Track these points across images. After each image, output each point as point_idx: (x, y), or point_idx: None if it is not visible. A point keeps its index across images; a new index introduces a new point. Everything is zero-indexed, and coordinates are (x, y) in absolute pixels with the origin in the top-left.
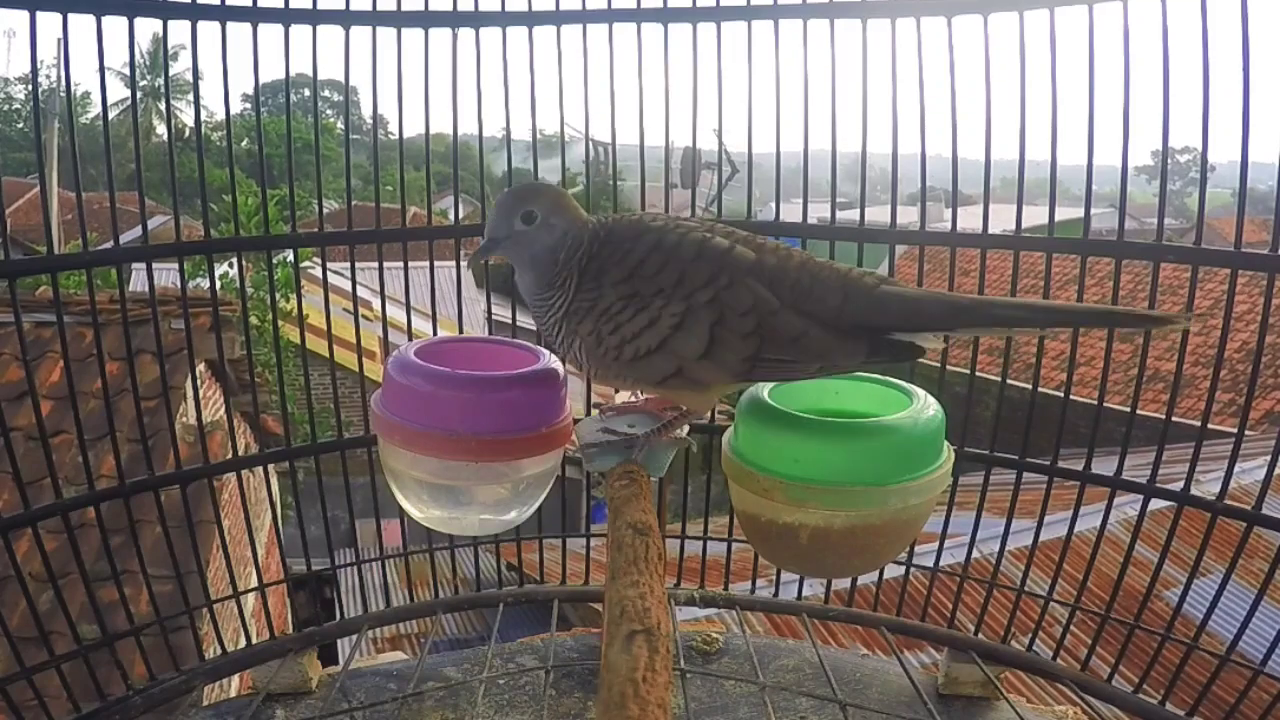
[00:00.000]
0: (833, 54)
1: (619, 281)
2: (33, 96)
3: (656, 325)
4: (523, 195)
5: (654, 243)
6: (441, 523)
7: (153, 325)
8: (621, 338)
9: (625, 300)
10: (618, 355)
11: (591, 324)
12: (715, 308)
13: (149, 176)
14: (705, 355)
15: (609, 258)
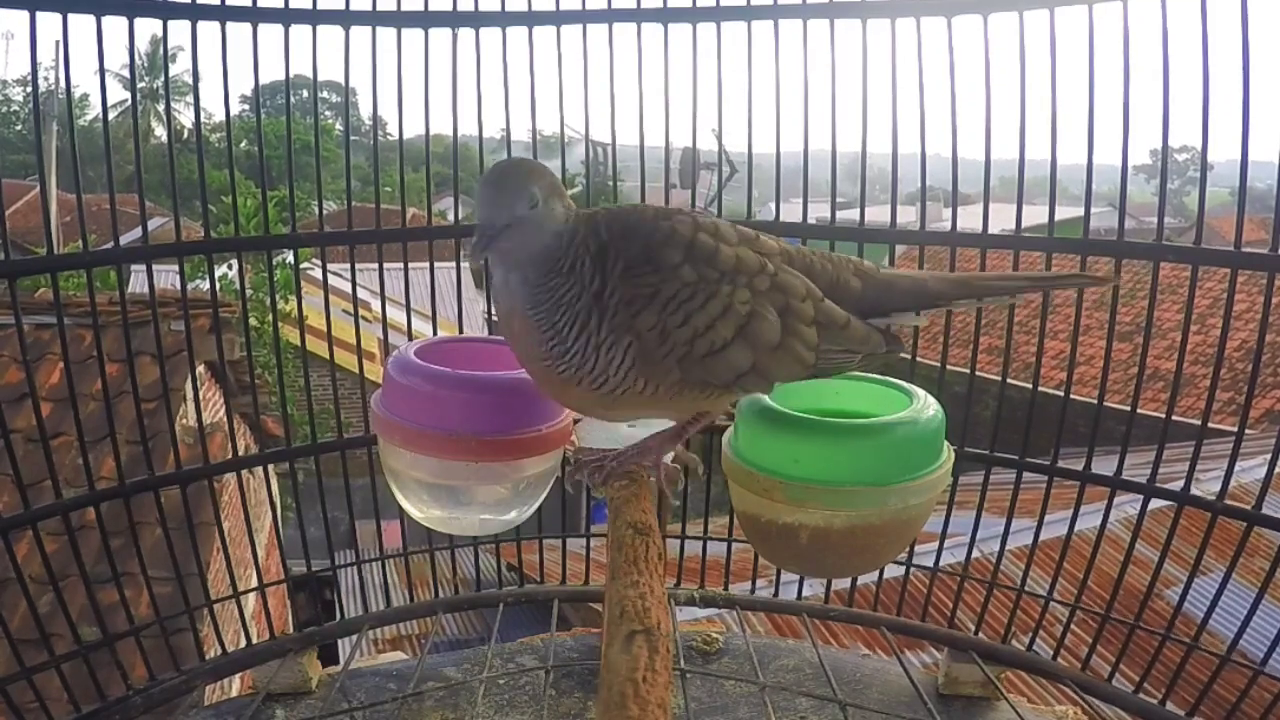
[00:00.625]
0: (833, 54)
1: (678, 264)
2: (32, 97)
3: (731, 312)
4: (522, 175)
5: (692, 224)
6: (441, 523)
7: (153, 326)
8: (694, 329)
9: (693, 285)
10: (687, 351)
11: (655, 315)
12: (778, 294)
13: (149, 178)
14: (780, 346)
15: (642, 242)
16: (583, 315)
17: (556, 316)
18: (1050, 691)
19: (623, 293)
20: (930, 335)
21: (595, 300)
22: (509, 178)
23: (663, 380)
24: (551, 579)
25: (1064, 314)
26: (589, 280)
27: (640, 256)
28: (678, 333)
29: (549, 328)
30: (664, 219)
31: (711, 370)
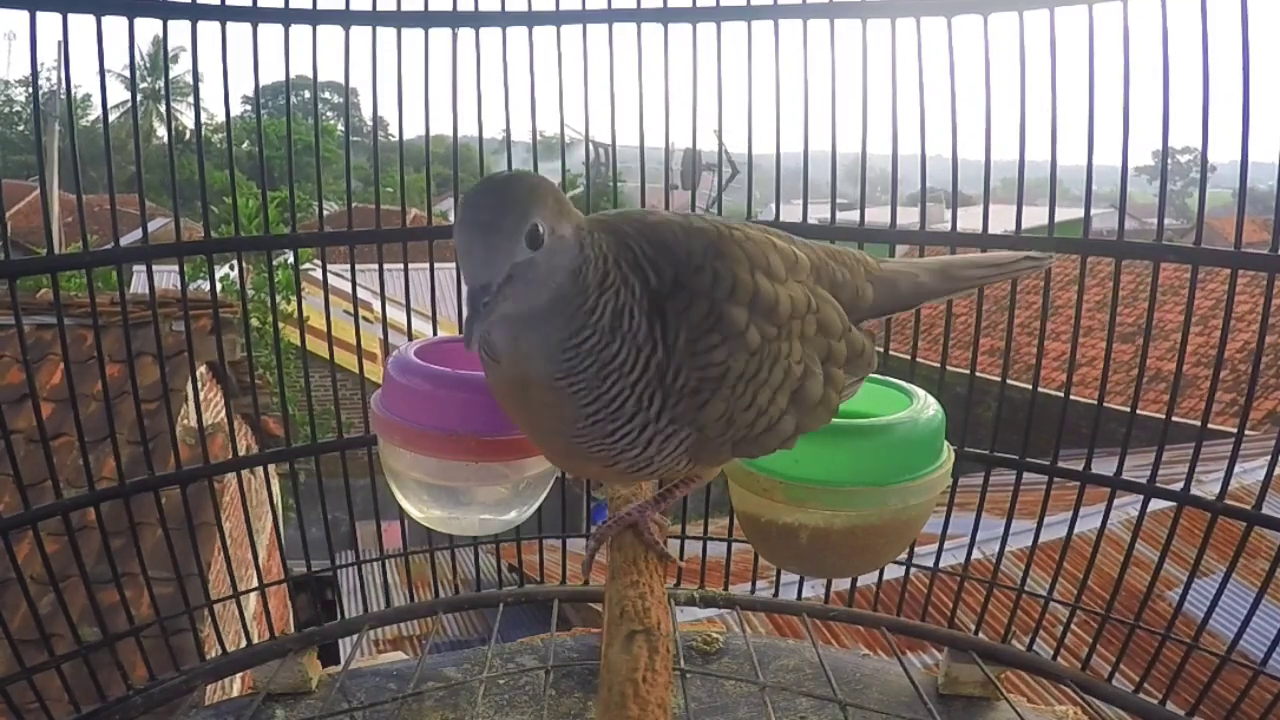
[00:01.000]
0: (833, 54)
1: (745, 327)
2: (33, 97)
3: (789, 377)
4: (518, 205)
5: (747, 263)
6: (441, 523)
7: (153, 327)
8: (758, 409)
9: (759, 354)
10: (746, 434)
11: (724, 403)
12: (821, 338)
13: (150, 179)
14: (821, 400)
15: (706, 299)
16: (640, 394)
17: (605, 388)
18: (1050, 691)
19: (689, 375)
20: (932, 336)
21: (658, 379)
22: (501, 213)
23: (710, 462)
24: (551, 579)
25: (1066, 315)
26: (643, 342)
27: (705, 320)
28: (742, 417)
29: (592, 400)
30: (718, 258)
31: (763, 446)
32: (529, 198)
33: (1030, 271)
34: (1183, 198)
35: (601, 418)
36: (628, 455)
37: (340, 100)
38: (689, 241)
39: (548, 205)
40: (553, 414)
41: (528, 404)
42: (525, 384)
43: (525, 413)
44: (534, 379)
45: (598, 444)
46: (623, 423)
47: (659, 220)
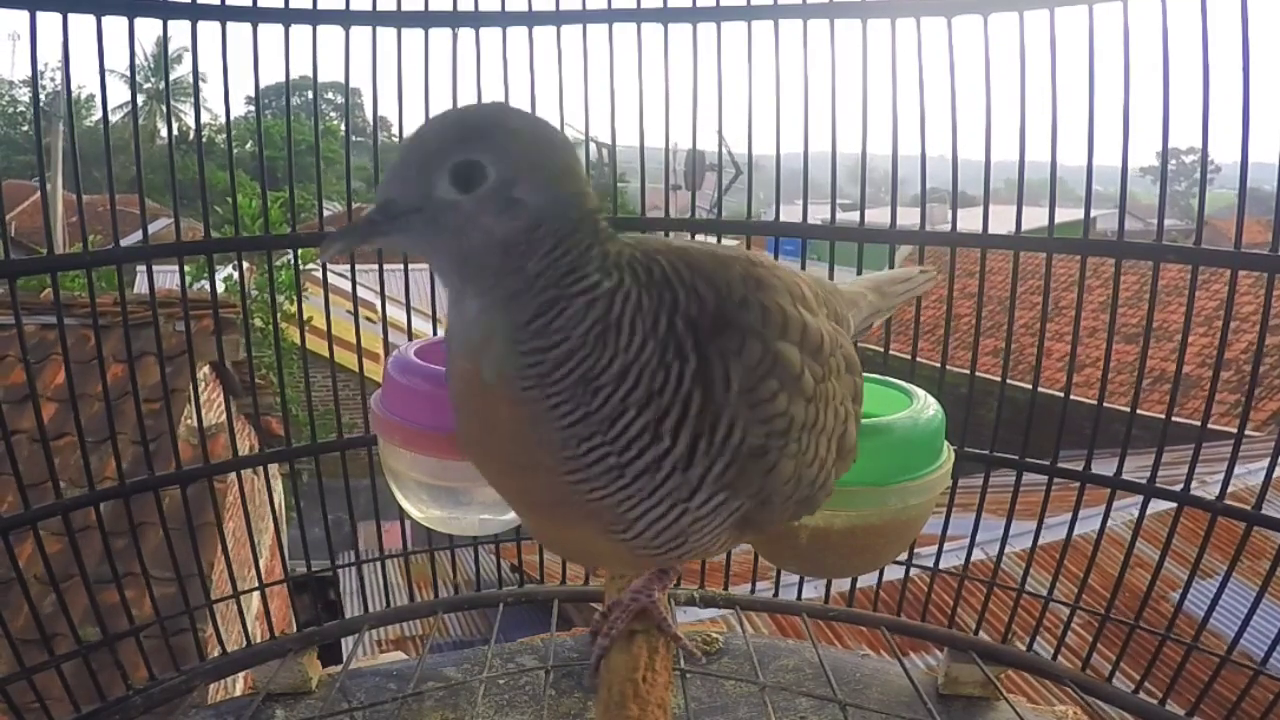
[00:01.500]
0: (833, 54)
1: (800, 368)
2: (33, 97)
3: (838, 422)
4: (467, 132)
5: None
6: (441, 523)
7: (154, 327)
8: (820, 461)
9: (815, 400)
10: (809, 491)
11: (793, 460)
12: (849, 376)
13: (153, 179)
14: (852, 447)
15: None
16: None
17: (595, 405)
18: (1050, 691)
19: (748, 430)
20: (935, 338)
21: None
22: (445, 133)
23: (758, 530)
24: (551, 579)
25: (1069, 316)
26: (663, 376)
27: (761, 364)
28: (807, 473)
29: (579, 418)
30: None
31: (813, 505)
32: (489, 130)
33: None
34: (1188, 198)
35: (597, 445)
36: (647, 520)
37: (341, 101)
38: (725, 270)
39: (513, 152)
40: (516, 437)
41: (474, 411)
42: (469, 378)
43: (473, 422)
44: (496, 394)
45: (601, 489)
46: (634, 456)
47: (683, 244)
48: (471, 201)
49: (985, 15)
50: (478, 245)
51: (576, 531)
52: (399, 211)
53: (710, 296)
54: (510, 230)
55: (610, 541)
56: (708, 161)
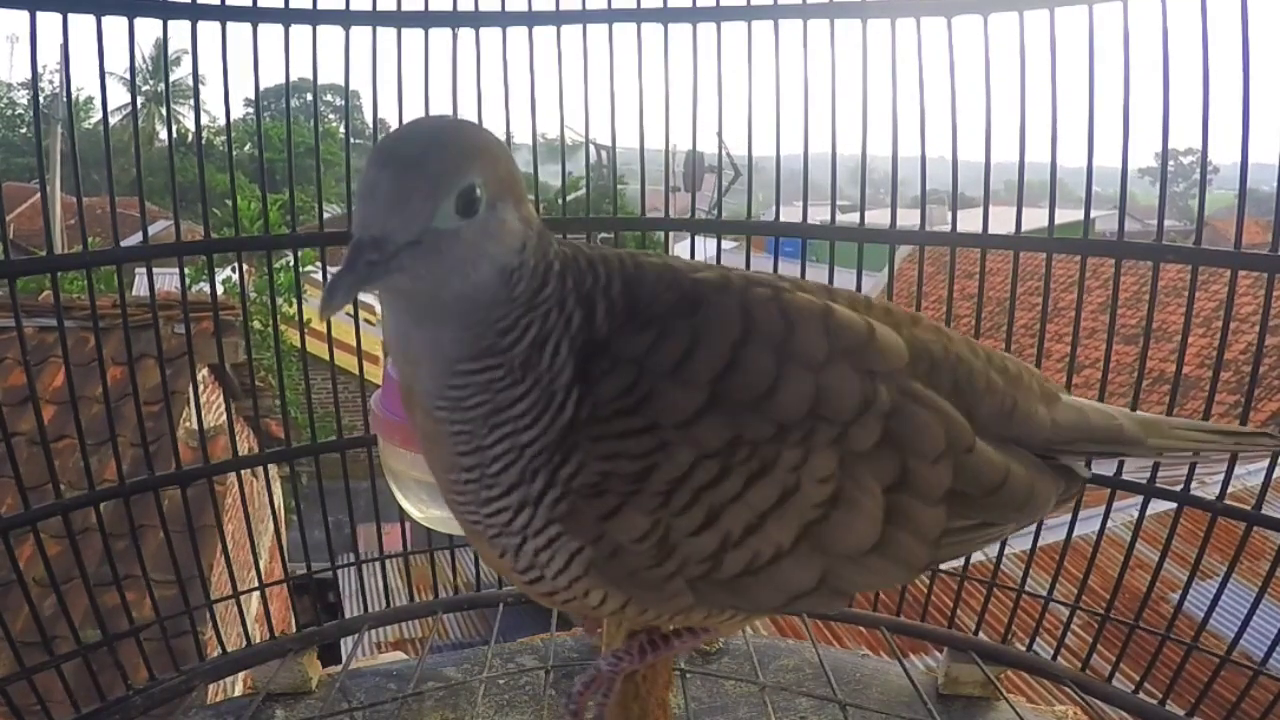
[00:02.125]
0: (833, 55)
1: (692, 415)
2: (32, 97)
3: (799, 502)
4: (458, 152)
5: (727, 316)
6: (441, 523)
7: (154, 329)
8: (723, 535)
9: (723, 454)
10: (708, 570)
11: (647, 516)
12: (890, 454)
13: (152, 181)
14: (877, 547)
15: (612, 343)
16: (527, 466)
17: (489, 441)
18: (1050, 691)
19: (586, 464)
20: None
21: (547, 456)
22: (435, 155)
23: (651, 603)
24: None
25: (1069, 316)
26: (558, 395)
27: (623, 396)
28: (691, 545)
29: (470, 450)
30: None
31: (747, 595)
32: (477, 150)
33: (1262, 450)
34: (1187, 199)
35: (475, 478)
36: (510, 548)
37: (341, 102)
38: (661, 288)
39: (497, 170)
40: (434, 450)
41: (414, 419)
42: (410, 399)
43: (416, 429)
44: (416, 397)
45: (474, 514)
46: (499, 494)
47: (660, 262)
48: (473, 228)
49: (985, 15)
50: (484, 276)
51: (481, 546)
52: (397, 248)
53: (621, 315)
54: (506, 254)
55: (500, 561)
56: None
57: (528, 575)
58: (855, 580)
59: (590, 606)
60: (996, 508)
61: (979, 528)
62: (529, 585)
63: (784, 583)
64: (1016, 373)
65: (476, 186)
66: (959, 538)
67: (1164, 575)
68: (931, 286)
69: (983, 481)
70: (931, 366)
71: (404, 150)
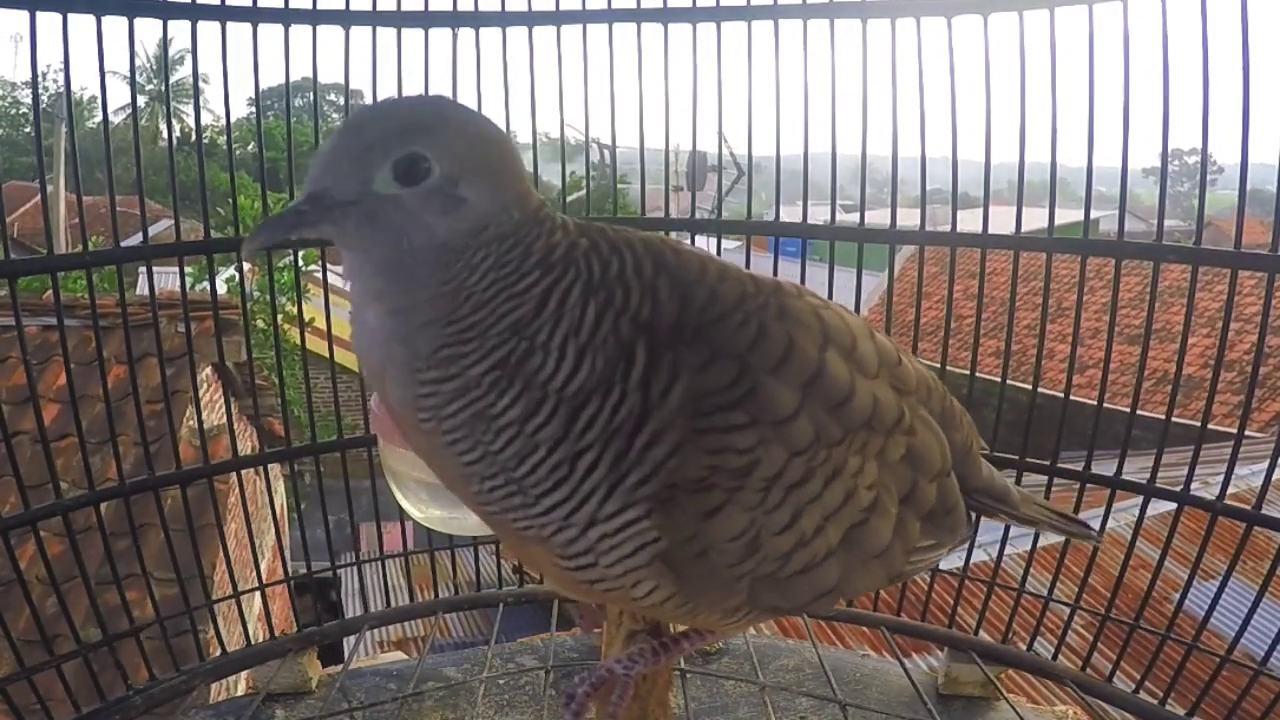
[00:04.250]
0: (833, 54)
1: (793, 413)
2: (32, 97)
3: (852, 505)
4: (407, 123)
5: (818, 325)
6: (441, 523)
7: (154, 328)
8: (799, 536)
9: (809, 455)
10: (778, 569)
11: (747, 514)
12: (906, 470)
13: (154, 180)
14: (883, 553)
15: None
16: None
17: (494, 444)
18: (1050, 691)
19: (683, 448)
20: (936, 339)
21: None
22: (383, 123)
23: (713, 601)
24: None
25: (1070, 317)
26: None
27: (728, 389)
28: (774, 543)
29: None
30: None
31: (791, 593)
32: (431, 123)
33: (1087, 539)
34: (1190, 199)
35: (500, 485)
36: (567, 539)
37: (342, 102)
38: (719, 283)
39: (460, 148)
40: (438, 463)
41: (384, 396)
42: (379, 371)
43: (387, 404)
44: (396, 411)
45: (514, 516)
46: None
47: (697, 252)
48: (414, 197)
49: (985, 15)
50: (418, 244)
51: (520, 546)
52: (332, 203)
53: (673, 301)
54: (453, 231)
55: (545, 552)
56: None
57: (576, 562)
58: (857, 583)
59: (632, 597)
60: (946, 530)
61: (932, 548)
62: (571, 571)
63: (820, 582)
64: (971, 420)
65: (423, 157)
66: (920, 555)
67: (1164, 575)
68: (932, 286)
69: (947, 504)
70: (929, 395)
71: (356, 118)
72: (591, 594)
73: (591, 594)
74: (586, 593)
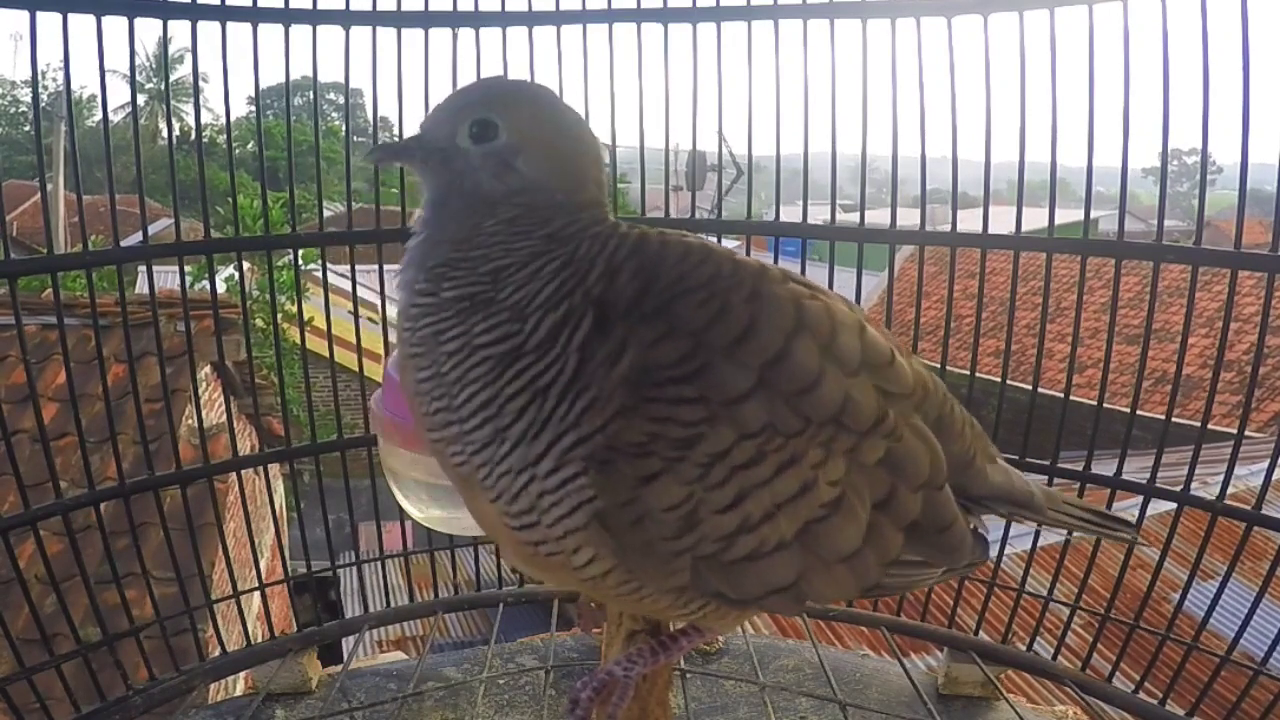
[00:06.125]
0: (833, 54)
1: (742, 395)
2: (32, 96)
3: (808, 498)
4: (492, 97)
5: (783, 307)
6: (441, 523)
7: (153, 328)
8: (743, 518)
9: (761, 439)
10: (720, 550)
11: (686, 487)
12: (885, 475)
13: (153, 179)
14: (851, 559)
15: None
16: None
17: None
18: (1050, 691)
19: (624, 414)
20: (936, 338)
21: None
22: (475, 94)
23: (648, 577)
24: None
25: (1069, 317)
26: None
27: (676, 364)
28: (715, 521)
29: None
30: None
31: (738, 581)
32: (509, 101)
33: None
34: (1189, 199)
35: (443, 408)
36: (509, 490)
37: (342, 101)
38: (696, 266)
39: (527, 126)
40: (406, 372)
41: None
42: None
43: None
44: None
45: (453, 449)
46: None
47: (675, 241)
48: (479, 154)
49: (985, 15)
50: (467, 190)
51: (473, 501)
52: (428, 146)
53: (635, 280)
54: (496, 189)
55: (496, 513)
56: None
57: (520, 520)
58: (819, 586)
59: (574, 566)
60: (938, 549)
61: (919, 565)
62: (516, 532)
63: (770, 575)
64: (979, 429)
65: (495, 125)
66: (902, 570)
67: (1164, 575)
68: (932, 286)
69: (938, 520)
70: (925, 399)
71: (465, 86)
72: (540, 562)
73: (540, 562)
74: (534, 560)
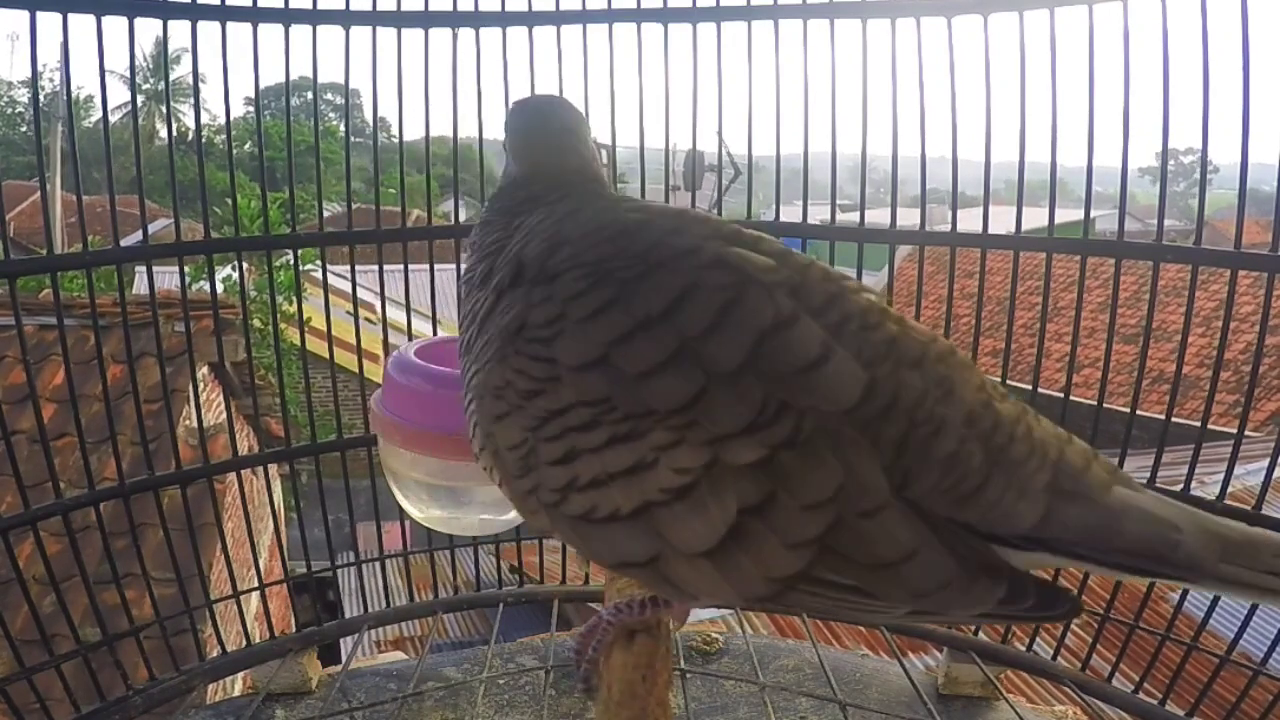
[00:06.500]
0: (833, 54)
1: (588, 362)
2: (32, 96)
3: (648, 479)
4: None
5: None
6: (441, 523)
7: (153, 328)
8: (571, 476)
9: (598, 408)
10: (557, 501)
11: (523, 433)
12: (763, 481)
13: (152, 180)
14: (711, 554)
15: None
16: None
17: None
18: (1050, 691)
19: (497, 365)
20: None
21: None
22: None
23: (522, 509)
24: (551, 579)
25: (1069, 316)
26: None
27: (542, 319)
28: (548, 473)
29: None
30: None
31: (586, 541)
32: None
33: None
34: (1187, 199)
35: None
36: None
37: (341, 101)
38: (594, 243)
39: (510, 134)
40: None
41: None
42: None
43: None
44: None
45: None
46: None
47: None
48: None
49: (985, 15)
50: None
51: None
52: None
53: (542, 247)
54: (505, 177)
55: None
56: (707, 162)
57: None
58: (686, 577)
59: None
60: (881, 584)
61: (851, 590)
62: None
63: (617, 545)
64: (1024, 453)
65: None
66: (820, 590)
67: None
68: (931, 286)
69: (870, 551)
70: (885, 412)
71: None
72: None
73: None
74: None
